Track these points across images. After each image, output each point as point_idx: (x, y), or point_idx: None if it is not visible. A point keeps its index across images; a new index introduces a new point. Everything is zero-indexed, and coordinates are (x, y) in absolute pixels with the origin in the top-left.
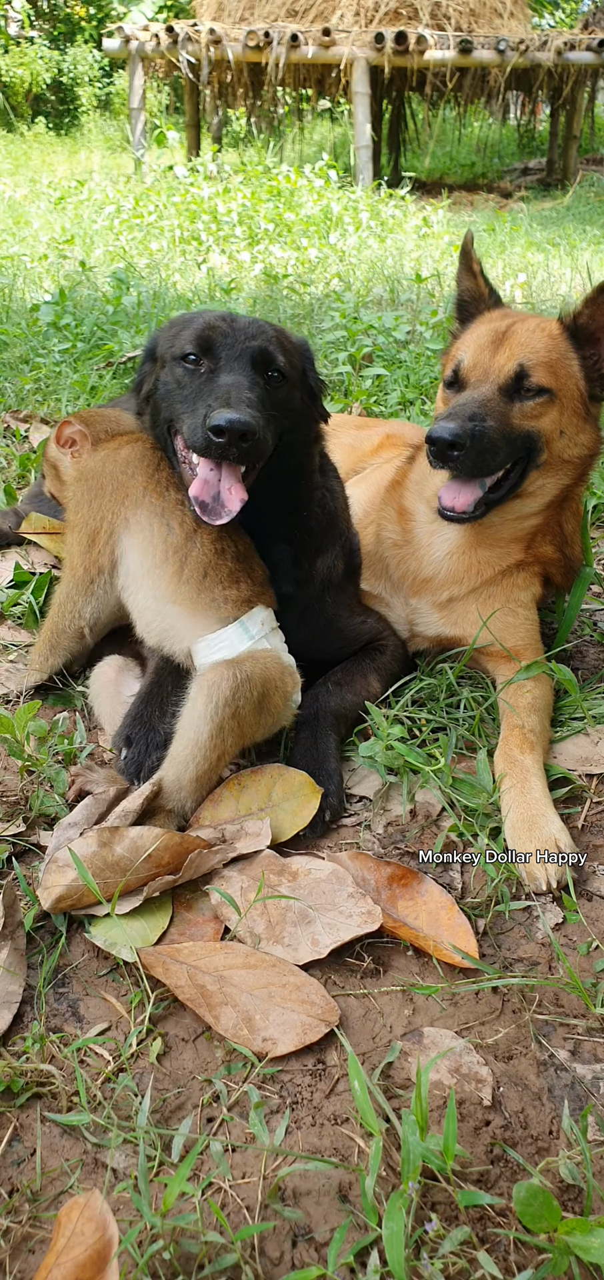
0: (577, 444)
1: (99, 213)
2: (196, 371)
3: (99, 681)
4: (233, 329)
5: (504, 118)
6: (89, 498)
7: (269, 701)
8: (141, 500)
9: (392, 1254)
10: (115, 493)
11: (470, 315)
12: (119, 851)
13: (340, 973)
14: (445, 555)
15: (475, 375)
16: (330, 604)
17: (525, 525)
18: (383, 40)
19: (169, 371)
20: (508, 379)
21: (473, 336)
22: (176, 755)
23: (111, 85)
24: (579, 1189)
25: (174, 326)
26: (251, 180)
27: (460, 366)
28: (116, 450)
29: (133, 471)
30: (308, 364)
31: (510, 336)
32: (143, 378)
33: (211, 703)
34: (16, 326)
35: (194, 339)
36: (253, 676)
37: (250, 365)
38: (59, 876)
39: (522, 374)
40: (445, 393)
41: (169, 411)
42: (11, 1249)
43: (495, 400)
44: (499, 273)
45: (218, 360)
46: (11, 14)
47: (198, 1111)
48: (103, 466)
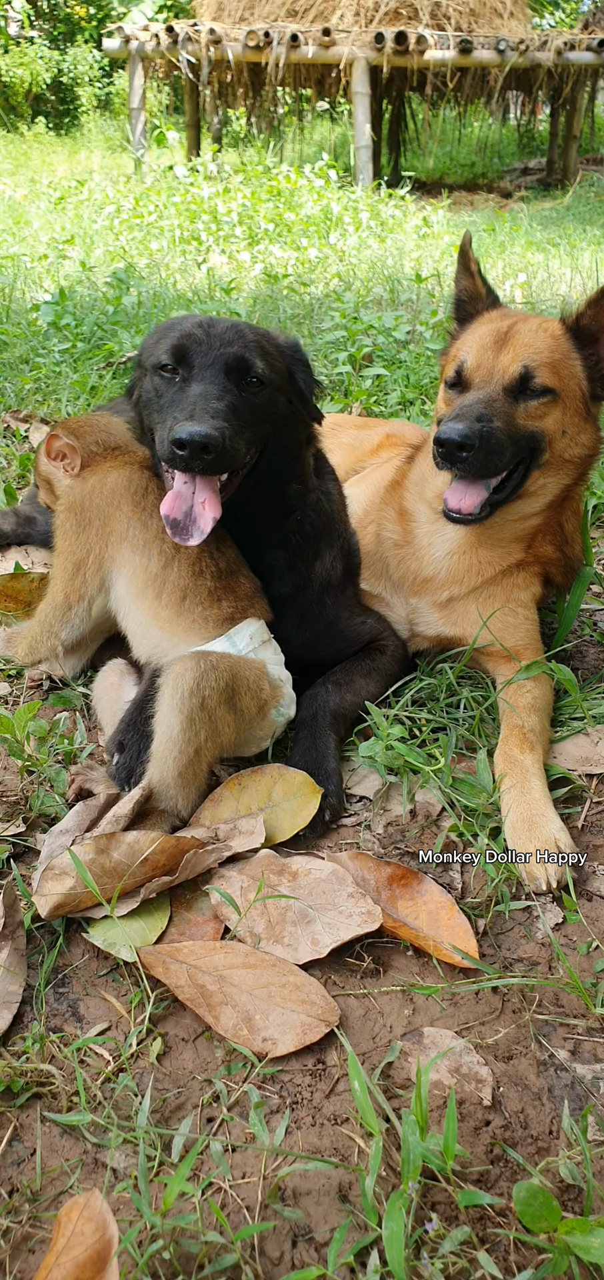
0: (578, 444)
1: (99, 213)
2: (172, 381)
3: (102, 685)
4: (209, 336)
5: (504, 118)
6: (77, 530)
7: (239, 699)
8: (126, 534)
9: (392, 1254)
10: (102, 527)
11: (469, 315)
12: (116, 857)
13: (340, 973)
14: (446, 555)
15: (479, 376)
16: (330, 606)
17: (527, 525)
18: (383, 40)
19: (149, 381)
20: (513, 380)
21: (475, 337)
22: (155, 753)
23: (111, 85)
24: (579, 1189)
25: (156, 334)
26: (251, 180)
27: (463, 367)
28: (104, 477)
29: (118, 502)
30: (297, 366)
31: (513, 337)
32: (134, 383)
33: (177, 693)
34: (16, 326)
35: (169, 349)
36: (218, 666)
37: (223, 373)
38: (56, 884)
39: (527, 375)
40: (447, 393)
41: (149, 421)
42: (11, 1249)
43: (501, 401)
44: (499, 273)
45: (191, 369)
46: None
47: (198, 1111)
48: (90, 498)
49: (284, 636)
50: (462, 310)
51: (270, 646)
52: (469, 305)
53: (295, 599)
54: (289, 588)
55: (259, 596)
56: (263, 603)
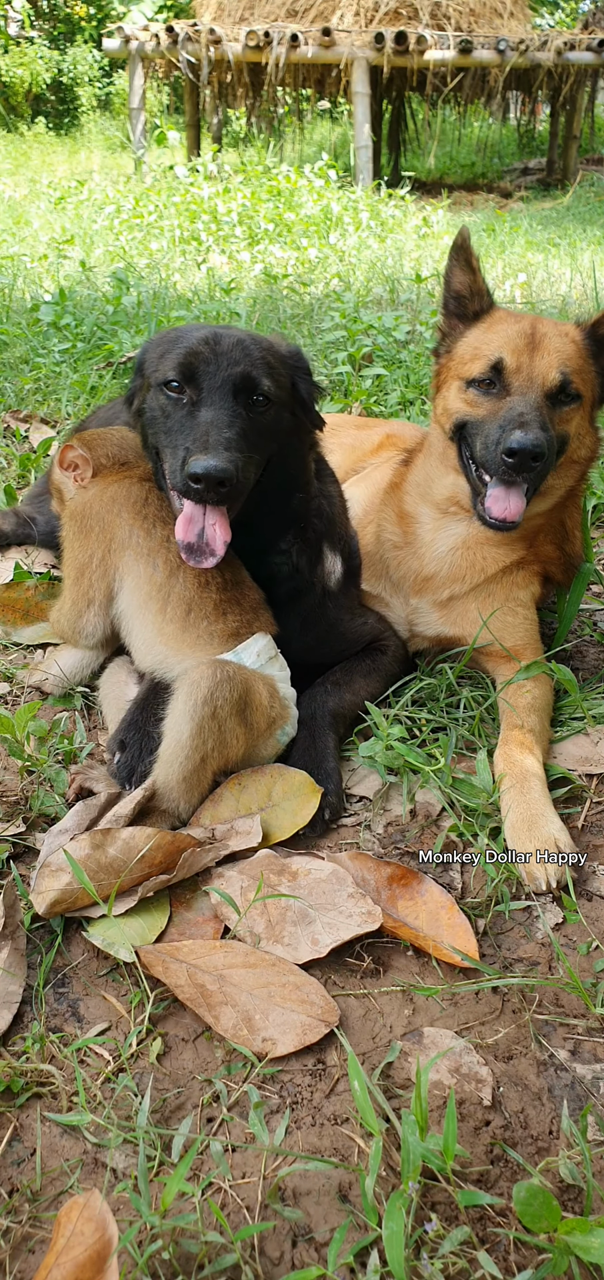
0: (585, 446)
1: (99, 213)
2: (179, 401)
3: (107, 683)
4: (216, 354)
5: (504, 118)
6: (78, 535)
7: (251, 713)
8: (128, 540)
9: (391, 1254)
10: (102, 532)
11: (471, 313)
12: (112, 853)
13: (340, 973)
14: (449, 551)
15: (520, 380)
16: (331, 609)
17: (533, 524)
18: (383, 40)
19: (154, 397)
20: (554, 385)
21: (501, 337)
22: (163, 755)
23: (111, 85)
24: (579, 1189)
25: (160, 345)
26: (251, 180)
27: (503, 366)
28: (105, 488)
29: (118, 510)
30: (299, 375)
31: (543, 341)
32: (134, 392)
33: (190, 699)
34: (16, 326)
35: (176, 366)
36: (234, 678)
37: (232, 396)
38: (52, 880)
39: (565, 381)
40: (471, 393)
41: (155, 440)
42: (11, 1249)
43: (545, 407)
44: (499, 273)
45: (200, 390)
46: (11, 14)
47: (198, 1111)
48: (90, 505)
49: (286, 640)
50: (461, 306)
51: (277, 663)
52: (471, 302)
53: (298, 603)
54: (291, 592)
55: (264, 608)
56: (268, 615)
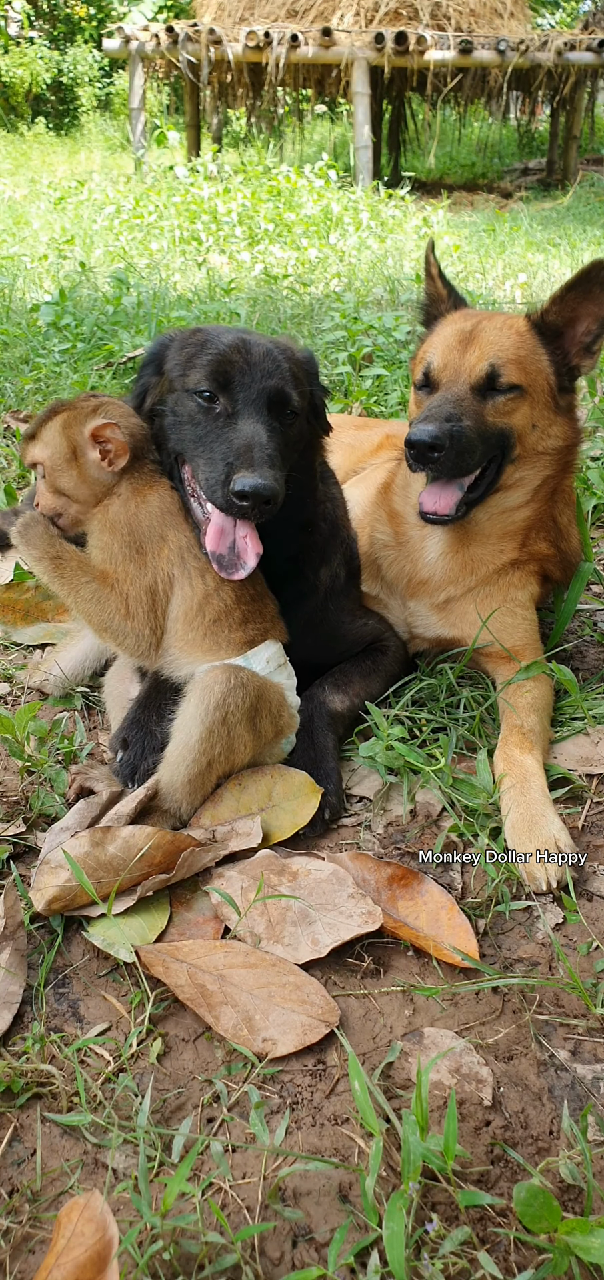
0: (550, 435)
1: (99, 213)
2: (211, 410)
3: (110, 682)
4: (249, 364)
5: (504, 118)
6: (131, 553)
7: (260, 721)
8: (184, 558)
9: (392, 1254)
10: (157, 551)
11: (433, 317)
12: (112, 851)
13: (340, 973)
14: (439, 555)
15: (446, 376)
16: (334, 611)
17: (515, 519)
18: (383, 40)
19: (180, 402)
20: (480, 378)
21: (440, 338)
22: (169, 756)
23: (111, 85)
24: (579, 1189)
25: (186, 348)
26: (251, 180)
27: (430, 368)
28: (143, 499)
29: (172, 523)
30: (314, 381)
31: (478, 335)
32: (145, 389)
33: (202, 704)
34: (16, 326)
35: (210, 374)
36: (247, 685)
37: (267, 410)
38: (51, 878)
39: (493, 373)
40: (417, 395)
41: (179, 445)
42: (11, 1249)
43: (469, 400)
44: (499, 273)
45: (235, 401)
46: (11, 14)
47: (198, 1112)
48: (137, 520)
49: (290, 642)
50: (426, 313)
51: (285, 670)
52: (432, 308)
53: (301, 605)
54: (295, 595)
55: (279, 618)
56: (282, 624)
